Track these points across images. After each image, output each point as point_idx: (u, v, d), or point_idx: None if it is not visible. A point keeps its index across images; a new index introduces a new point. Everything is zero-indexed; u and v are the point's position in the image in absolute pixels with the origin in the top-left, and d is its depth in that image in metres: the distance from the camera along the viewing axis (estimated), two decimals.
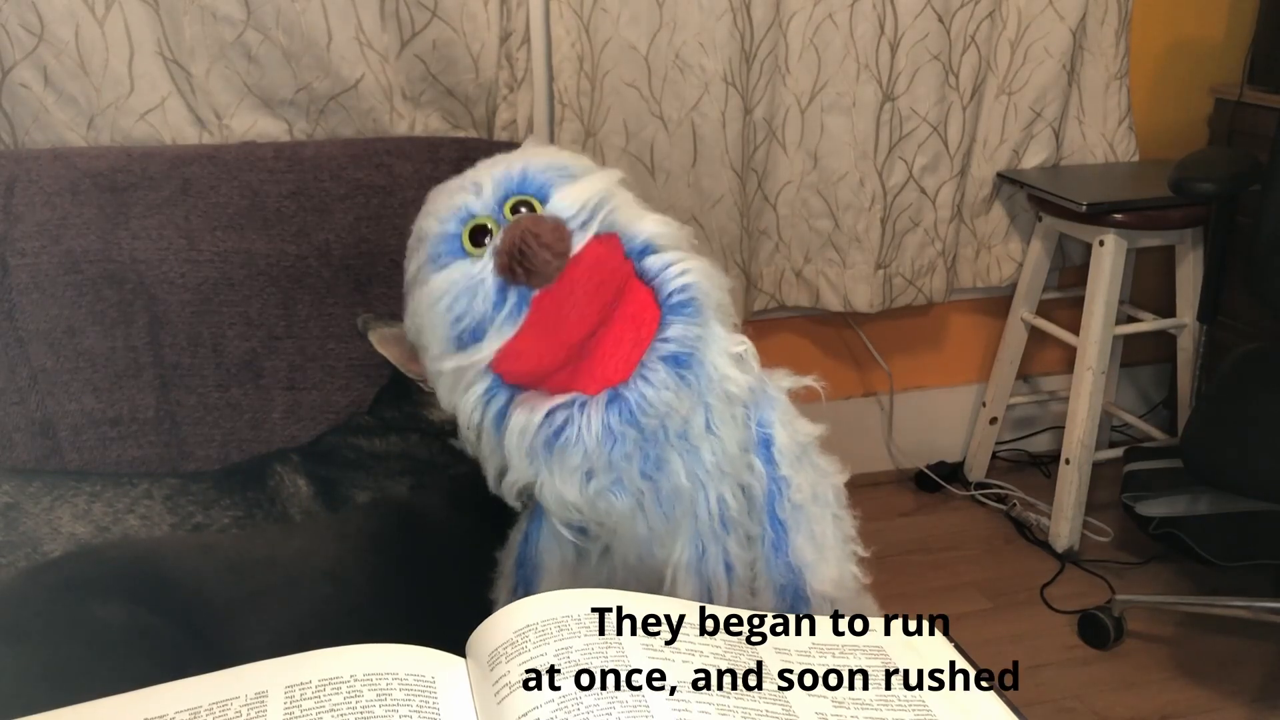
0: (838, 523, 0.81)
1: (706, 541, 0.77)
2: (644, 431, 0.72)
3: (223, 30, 1.55)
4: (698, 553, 0.77)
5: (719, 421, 0.75)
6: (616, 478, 0.74)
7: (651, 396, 0.72)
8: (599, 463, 0.73)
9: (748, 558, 0.79)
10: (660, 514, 0.76)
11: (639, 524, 0.76)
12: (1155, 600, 1.90)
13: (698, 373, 0.73)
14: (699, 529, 0.77)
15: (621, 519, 0.76)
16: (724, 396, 0.75)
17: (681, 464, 0.75)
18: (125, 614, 0.80)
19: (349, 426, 1.31)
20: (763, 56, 1.86)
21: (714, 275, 0.76)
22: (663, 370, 0.72)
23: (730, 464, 0.76)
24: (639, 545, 0.77)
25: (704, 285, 0.75)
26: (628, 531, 0.77)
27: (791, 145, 1.95)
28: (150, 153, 1.41)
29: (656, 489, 0.75)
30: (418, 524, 1.01)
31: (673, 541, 0.77)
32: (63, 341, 1.31)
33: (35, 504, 1.15)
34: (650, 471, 0.74)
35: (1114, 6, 2.04)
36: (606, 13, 1.75)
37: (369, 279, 1.41)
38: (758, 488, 0.78)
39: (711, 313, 0.75)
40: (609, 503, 0.74)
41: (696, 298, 0.74)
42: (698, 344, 0.73)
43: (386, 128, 1.64)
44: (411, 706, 0.53)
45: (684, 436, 0.75)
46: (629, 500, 0.75)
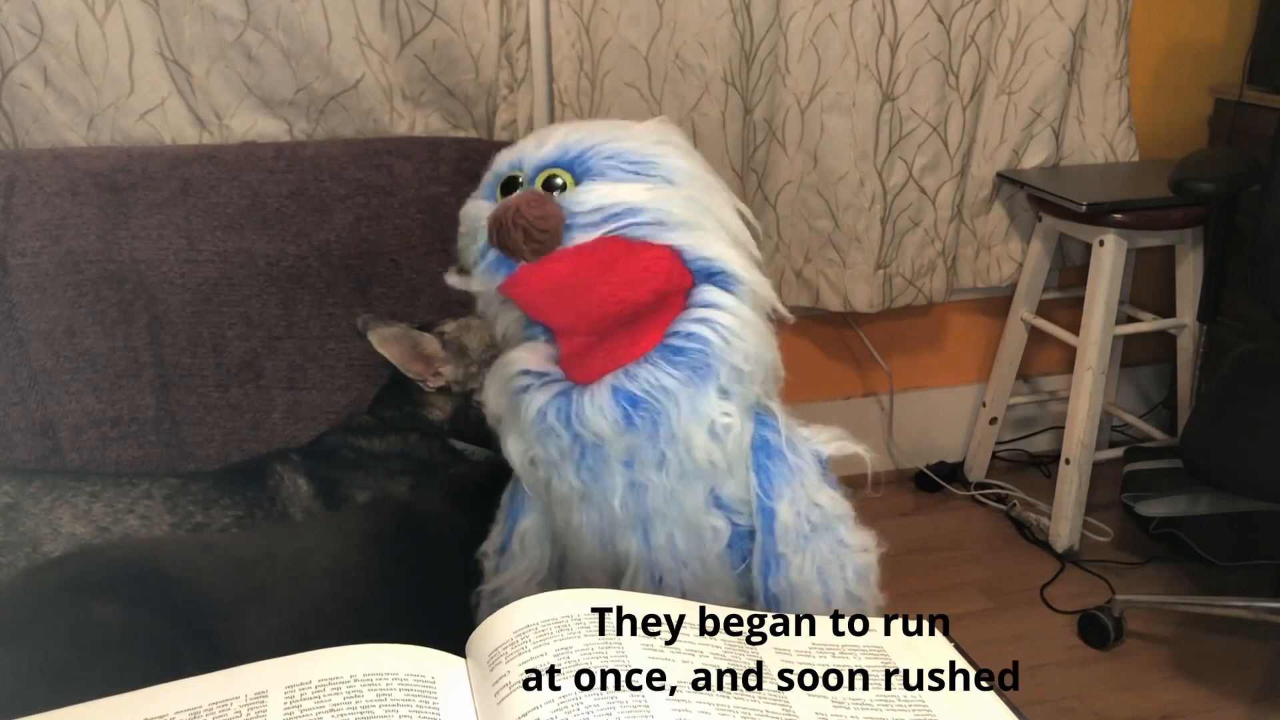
0: (853, 603, 0.77)
1: (663, 570, 0.76)
2: (579, 439, 0.72)
3: (223, 30, 1.55)
4: (654, 579, 0.76)
5: (673, 472, 0.73)
6: (549, 463, 0.75)
7: (588, 414, 0.71)
8: (533, 440, 0.74)
9: (711, 595, 0.77)
10: (590, 519, 0.76)
11: (574, 517, 0.76)
12: (1155, 600, 1.90)
13: (656, 420, 0.71)
14: (654, 557, 0.76)
15: (559, 502, 0.76)
16: (684, 455, 0.73)
17: (620, 488, 0.73)
18: (125, 614, 0.80)
19: (349, 426, 1.31)
20: (763, 56, 1.86)
21: (744, 340, 0.72)
22: (607, 399, 0.71)
23: (680, 512, 0.74)
24: (573, 539, 0.77)
25: (716, 344, 0.72)
26: (563, 519, 0.77)
27: (791, 145, 1.95)
28: (150, 153, 1.41)
29: (588, 494, 0.74)
30: (418, 524, 1.01)
31: (608, 554, 0.76)
32: (63, 341, 1.31)
33: (35, 504, 1.15)
34: (584, 476, 0.74)
35: (1114, 6, 2.04)
36: (606, 13, 1.75)
37: (369, 279, 1.41)
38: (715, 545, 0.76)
39: (712, 373, 0.72)
40: (548, 478, 0.76)
41: (699, 350, 0.71)
42: (661, 395, 0.71)
43: (386, 128, 1.64)
44: (411, 706, 0.53)
45: (629, 465, 0.73)
46: (564, 489, 0.75)
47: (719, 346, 0.72)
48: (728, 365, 0.72)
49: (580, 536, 0.76)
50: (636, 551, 0.76)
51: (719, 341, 0.72)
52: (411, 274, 1.42)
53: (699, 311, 0.72)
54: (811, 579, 0.76)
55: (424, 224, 1.44)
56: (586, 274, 0.70)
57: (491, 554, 0.84)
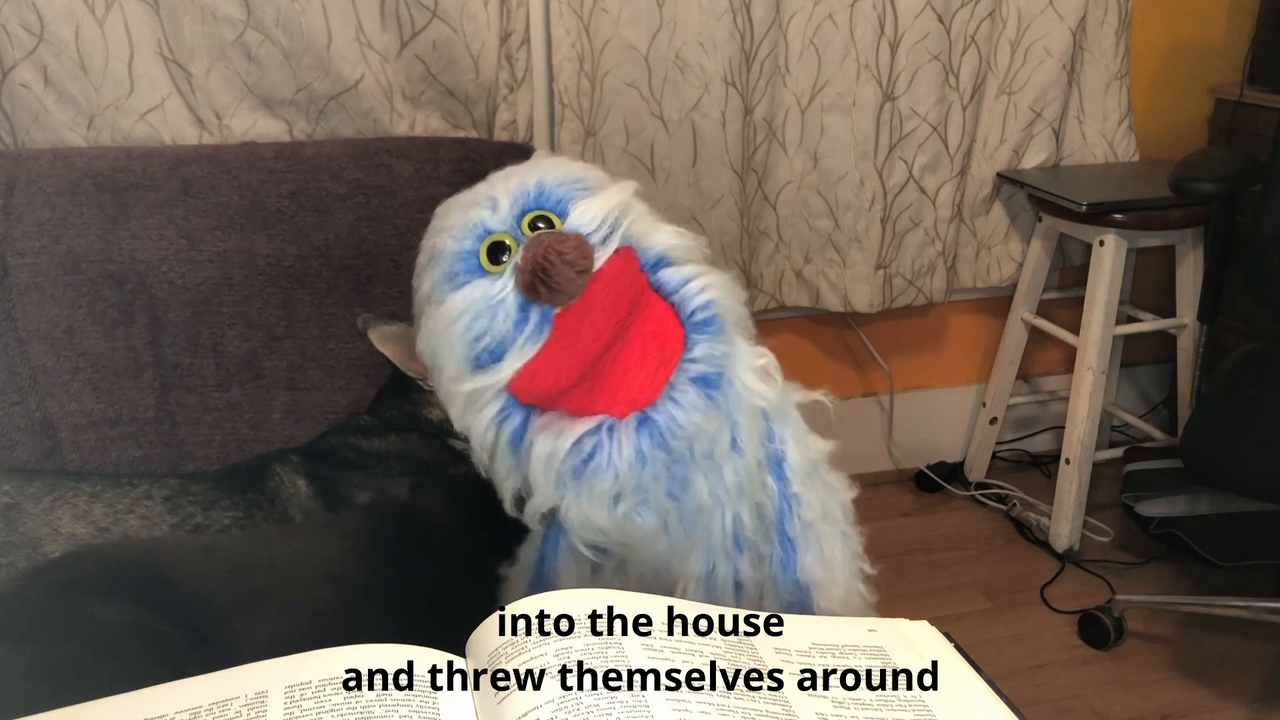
0: (845, 540, 0.80)
1: (718, 559, 0.76)
2: (672, 453, 0.72)
3: (223, 30, 1.55)
4: (708, 569, 0.76)
5: (745, 438, 0.75)
6: (643, 499, 0.73)
7: (681, 419, 0.71)
8: (628, 486, 0.72)
9: (757, 577, 0.78)
10: (682, 531, 0.75)
11: (660, 542, 0.75)
12: (1155, 600, 1.90)
13: (726, 392, 0.73)
14: (712, 546, 0.76)
15: (645, 538, 0.75)
16: (751, 412, 0.74)
17: (705, 483, 0.74)
18: (125, 614, 0.80)
19: (349, 426, 1.31)
20: (763, 56, 1.86)
21: (733, 289, 0.75)
22: (692, 392, 0.71)
23: (750, 482, 0.76)
24: (656, 561, 0.76)
25: (725, 301, 0.74)
26: (648, 549, 0.76)
27: (791, 145, 1.95)
28: (150, 153, 1.41)
29: (681, 508, 0.74)
30: (417, 524, 1.01)
31: (688, 557, 0.76)
32: (63, 341, 1.31)
33: (35, 504, 1.15)
34: (676, 491, 0.74)
35: (1114, 6, 2.04)
36: (606, 13, 1.75)
37: (369, 279, 1.41)
38: (770, 506, 0.77)
39: (734, 328, 0.74)
40: (634, 524, 0.74)
41: (719, 314, 0.73)
42: (725, 362, 0.73)
43: (386, 128, 1.64)
44: (411, 706, 0.53)
45: (709, 456, 0.74)
46: (654, 520, 0.74)
47: (727, 302, 0.74)
48: (735, 315, 0.75)
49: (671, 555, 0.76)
50: (700, 554, 0.76)
51: (724, 298, 0.74)
52: (411, 274, 1.42)
53: (692, 285, 0.74)
54: (819, 516, 0.78)
55: (424, 224, 1.42)
56: (601, 291, 0.70)
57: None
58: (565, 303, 0.69)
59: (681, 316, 0.73)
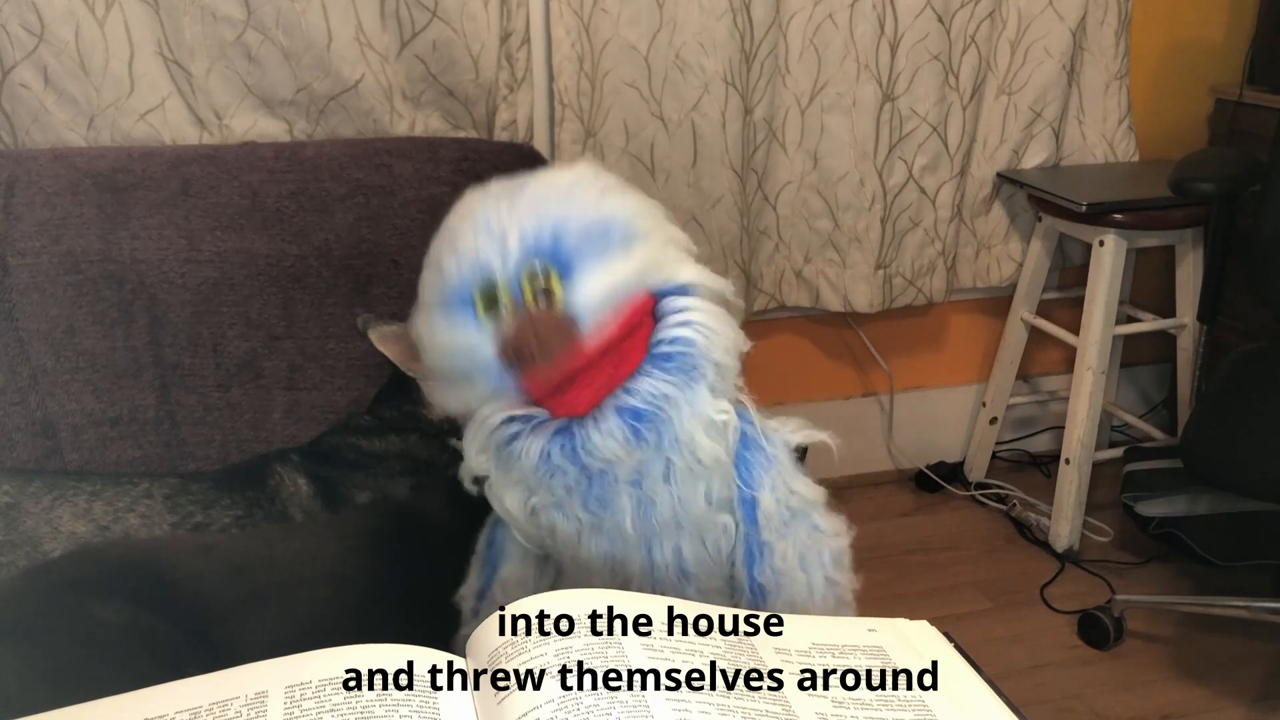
0: (831, 587, 0.78)
1: (665, 590, 0.76)
2: (586, 470, 0.72)
3: (223, 30, 1.55)
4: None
5: (680, 478, 0.73)
6: (556, 503, 0.74)
7: (597, 441, 0.71)
8: (534, 484, 0.73)
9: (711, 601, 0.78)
10: (599, 548, 0.75)
11: (580, 550, 0.75)
12: (1155, 600, 1.90)
13: (660, 430, 0.72)
14: (656, 577, 0.75)
15: (564, 541, 0.75)
16: (689, 457, 0.73)
17: (630, 508, 0.73)
18: (125, 614, 0.80)
19: (349, 426, 1.31)
20: (763, 56, 1.86)
21: (720, 334, 0.73)
22: (614, 420, 0.71)
23: (690, 519, 0.74)
24: (579, 573, 0.76)
25: (700, 343, 0.72)
26: (569, 553, 0.76)
27: (791, 145, 1.95)
28: (150, 153, 1.41)
29: (598, 524, 0.74)
30: (417, 524, 1.01)
31: (618, 574, 0.75)
32: (63, 341, 1.31)
33: (35, 504, 1.15)
34: (593, 507, 0.73)
35: (1114, 6, 2.04)
36: (606, 13, 1.75)
37: (369, 279, 1.41)
38: (724, 544, 0.76)
39: (700, 373, 0.73)
40: (550, 521, 0.74)
41: (685, 353, 0.72)
42: (663, 404, 0.71)
43: (386, 128, 1.64)
44: (411, 707, 0.53)
45: (636, 484, 0.73)
46: (569, 527, 0.74)
47: (703, 345, 0.73)
48: (712, 362, 0.73)
49: (589, 568, 0.76)
50: (640, 573, 0.75)
51: (702, 340, 0.73)
52: (411, 274, 1.41)
53: (675, 317, 0.73)
54: (794, 565, 0.76)
55: (424, 224, 1.43)
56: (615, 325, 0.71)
57: (470, 597, 0.83)
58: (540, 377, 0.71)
59: (650, 343, 0.73)
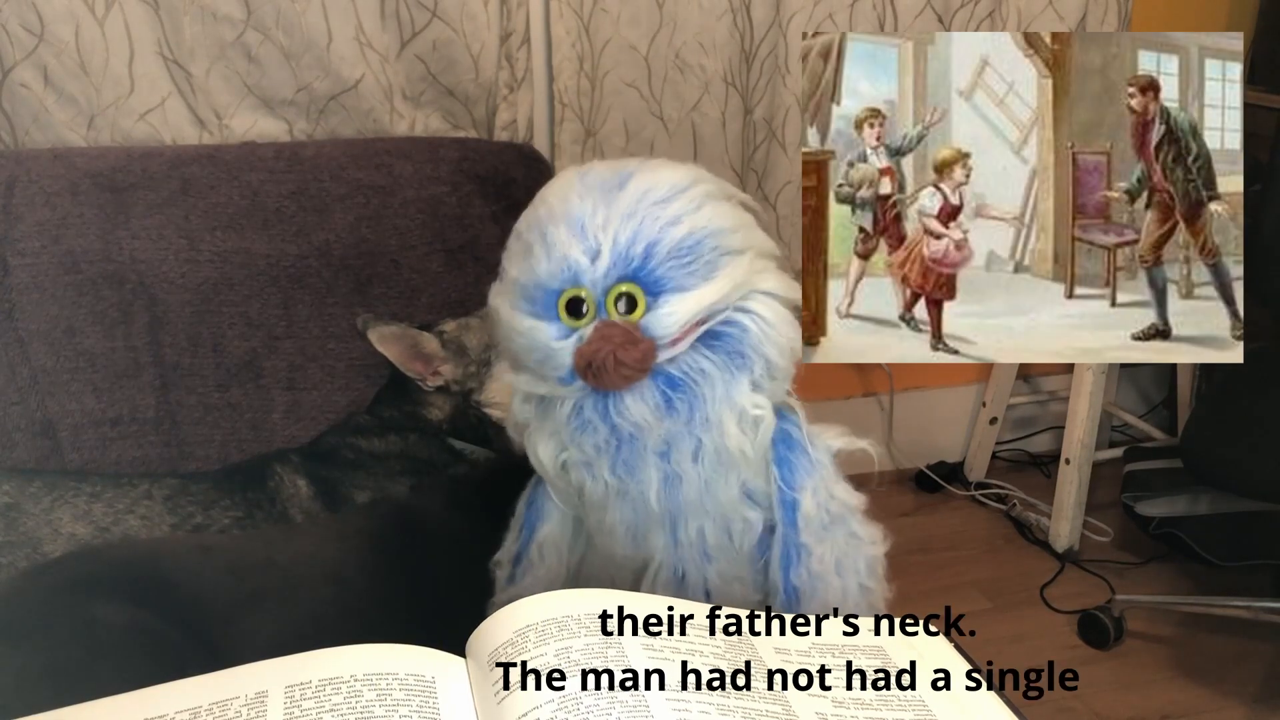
0: (865, 594, 0.79)
1: (687, 567, 0.76)
2: (617, 432, 0.72)
3: (223, 30, 1.55)
4: (676, 577, 0.76)
5: (708, 461, 0.73)
6: (586, 462, 0.74)
7: (629, 403, 0.71)
8: (566, 438, 0.74)
9: (732, 591, 0.77)
10: (623, 515, 0.75)
11: (606, 515, 0.76)
12: (1155, 600, 1.90)
13: (692, 405, 0.72)
14: (679, 553, 0.76)
15: (591, 503, 0.76)
16: (719, 442, 0.73)
17: (656, 481, 0.74)
18: (125, 614, 0.80)
19: (348, 426, 1.31)
20: (763, 56, 1.86)
21: (778, 331, 0.74)
22: (651, 387, 0.71)
23: (715, 504, 0.75)
24: (604, 537, 0.77)
25: (754, 333, 0.73)
26: (595, 518, 0.77)
27: (791, 145, 1.95)
28: (150, 153, 1.41)
29: (624, 490, 0.74)
30: (417, 525, 1.01)
31: (645, 542, 0.76)
32: (63, 341, 1.31)
33: (35, 504, 1.15)
34: (620, 471, 0.74)
35: (1114, 6, 2.04)
36: (606, 13, 1.75)
37: (369, 279, 1.41)
38: (749, 537, 0.77)
39: (747, 363, 0.73)
40: (580, 480, 0.75)
41: (735, 337, 0.73)
42: (699, 378, 0.72)
43: (386, 128, 1.64)
44: (411, 706, 0.53)
45: (664, 456, 0.73)
46: (598, 488, 0.75)
47: (756, 337, 0.73)
48: (762, 358, 0.73)
49: (613, 535, 0.76)
50: (664, 547, 0.76)
51: (756, 332, 0.73)
52: (411, 274, 1.42)
53: (734, 313, 0.73)
54: (830, 570, 0.77)
55: (424, 224, 1.43)
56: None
57: (506, 563, 0.84)
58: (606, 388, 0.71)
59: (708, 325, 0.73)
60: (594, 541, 0.80)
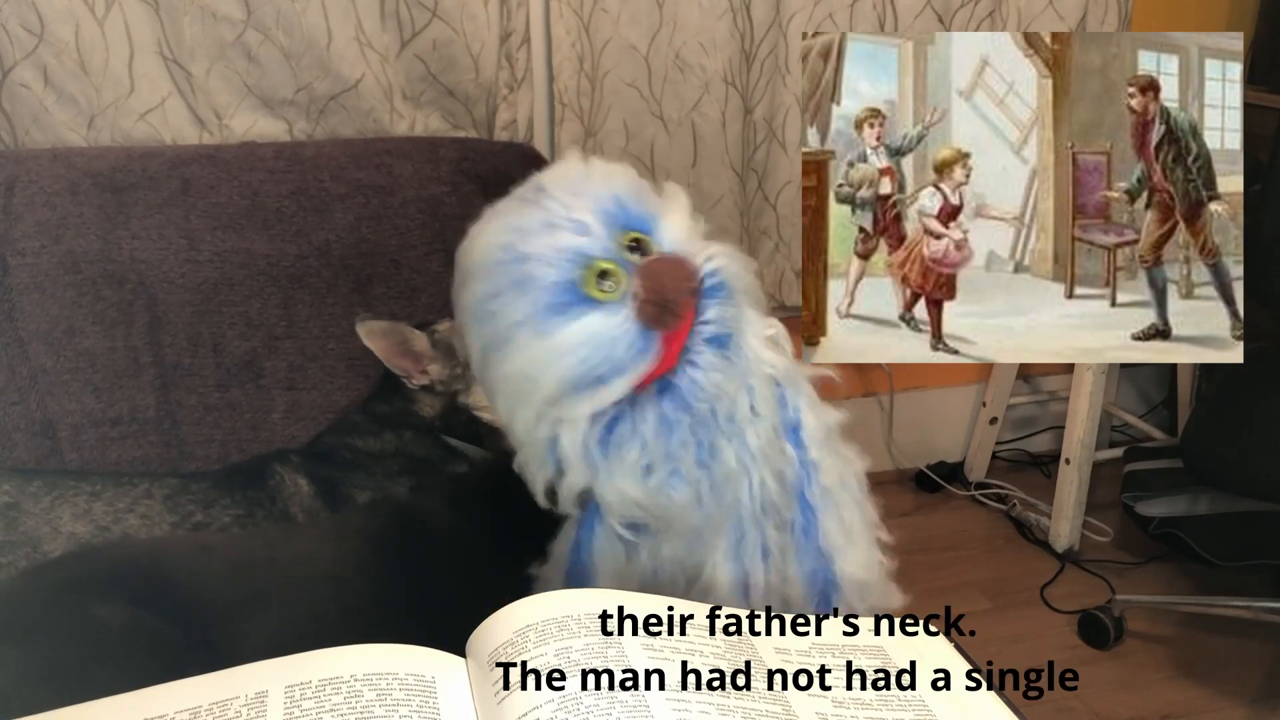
0: (861, 509, 0.82)
1: (747, 528, 0.77)
2: (696, 416, 0.73)
3: (223, 30, 1.55)
4: (736, 539, 0.77)
5: (761, 404, 0.76)
6: (675, 469, 0.74)
7: (701, 379, 0.73)
8: (657, 454, 0.73)
9: (782, 542, 0.78)
10: (714, 501, 0.76)
11: (694, 514, 0.75)
12: (1155, 600, 1.90)
13: (738, 354, 0.75)
14: (741, 515, 0.77)
15: (680, 511, 0.75)
16: (763, 378, 0.76)
17: (731, 449, 0.75)
18: (125, 614, 0.80)
19: (344, 425, 1.30)
20: (763, 56, 1.86)
21: (739, 258, 0.77)
22: (708, 352, 0.73)
23: (771, 447, 0.77)
24: (690, 534, 0.77)
25: (732, 268, 0.76)
26: (682, 522, 0.76)
27: (791, 145, 1.95)
28: (150, 153, 1.41)
29: (711, 476, 0.75)
30: (417, 525, 1.01)
31: (722, 527, 0.77)
32: (63, 341, 1.31)
33: (35, 504, 1.15)
34: (705, 459, 0.74)
35: (1114, 6, 2.04)
36: (606, 13, 1.75)
37: (369, 279, 1.41)
38: (789, 473, 0.78)
39: (742, 296, 0.76)
40: (668, 495, 0.74)
41: (727, 280, 0.75)
42: (735, 324, 0.75)
43: (386, 128, 1.64)
44: (411, 706, 0.53)
45: (732, 420, 0.75)
46: (688, 490, 0.74)
47: (734, 268, 0.76)
48: (744, 285, 0.77)
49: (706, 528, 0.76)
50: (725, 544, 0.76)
51: (731, 264, 0.76)
52: (411, 274, 1.42)
53: (700, 255, 0.76)
54: (837, 483, 0.79)
55: (424, 224, 1.43)
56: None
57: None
58: (679, 325, 0.72)
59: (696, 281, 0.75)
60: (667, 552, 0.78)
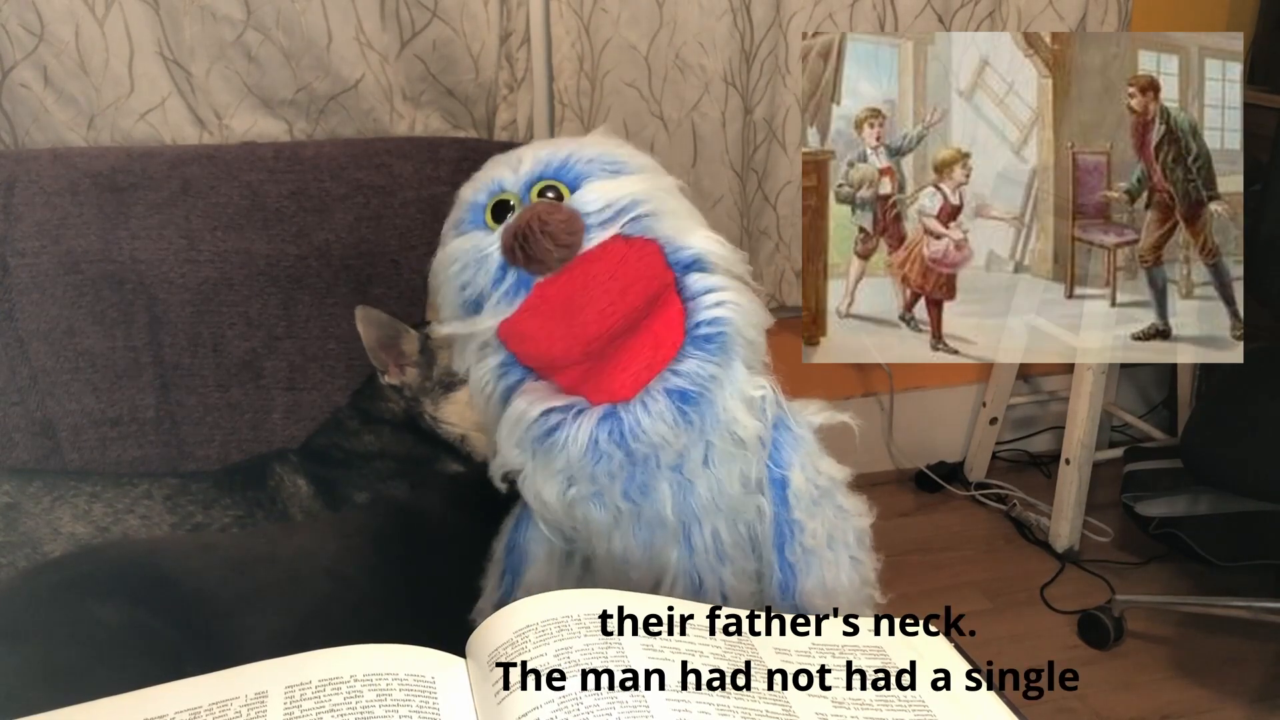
0: (856, 566, 0.79)
1: (703, 573, 0.76)
2: (632, 456, 0.72)
3: (223, 30, 1.55)
4: (694, 584, 0.76)
5: (719, 460, 0.74)
6: (596, 491, 0.73)
7: (646, 425, 0.71)
8: (580, 473, 0.72)
9: (746, 590, 0.77)
10: (638, 537, 0.75)
11: (615, 541, 0.75)
12: (1155, 600, 1.90)
13: (703, 411, 0.72)
14: (694, 561, 0.76)
15: (597, 533, 0.75)
16: (729, 438, 0.73)
17: (670, 494, 0.73)
18: (125, 614, 0.80)
19: (334, 425, 1.30)
20: (763, 56, 1.86)
21: (752, 311, 0.74)
22: (663, 402, 0.71)
23: (727, 501, 0.75)
24: (613, 560, 0.76)
25: (737, 321, 0.73)
26: (601, 545, 0.76)
27: (791, 145, 1.95)
28: (150, 153, 1.41)
29: (637, 512, 0.74)
30: (417, 524, 1.01)
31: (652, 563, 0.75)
32: (63, 341, 1.31)
33: (35, 504, 1.15)
34: (634, 495, 0.73)
35: (1114, 6, 2.04)
36: (606, 13, 1.75)
37: (369, 279, 1.41)
38: (757, 525, 0.77)
39: (738, 351, 0.74)
40: (585, 513, 0.74)
41: (725, 333, 0.73)
42: (709, 384, 0.72)
43: (386, 128, 1.64)
44: (411, 707, 0.53)
45: (678, 469, 0.73)
46: (605, 515, 0.74)
47: (739, 324, 0.74)
48: (745, 340, 0.74)
49: (626, 559, 0.75)
50: (678, 559, 0.75)
51: (738, 319, 0.73)
52: (411, 274, 1.42)
53: (709, 297, 0.74)
54: (823, 544, 0.77)
55: (424, 224, 1.44)
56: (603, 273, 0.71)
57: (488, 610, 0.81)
58: (542, 272, 0.70)
59: (687, 325, 0.73)
60: (596, 568, 0.79)
